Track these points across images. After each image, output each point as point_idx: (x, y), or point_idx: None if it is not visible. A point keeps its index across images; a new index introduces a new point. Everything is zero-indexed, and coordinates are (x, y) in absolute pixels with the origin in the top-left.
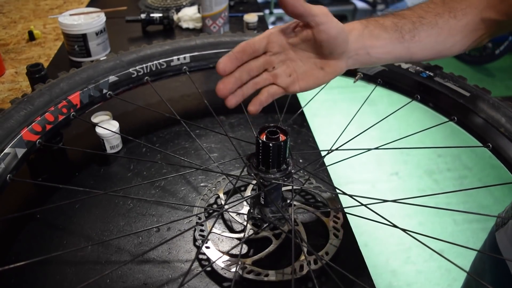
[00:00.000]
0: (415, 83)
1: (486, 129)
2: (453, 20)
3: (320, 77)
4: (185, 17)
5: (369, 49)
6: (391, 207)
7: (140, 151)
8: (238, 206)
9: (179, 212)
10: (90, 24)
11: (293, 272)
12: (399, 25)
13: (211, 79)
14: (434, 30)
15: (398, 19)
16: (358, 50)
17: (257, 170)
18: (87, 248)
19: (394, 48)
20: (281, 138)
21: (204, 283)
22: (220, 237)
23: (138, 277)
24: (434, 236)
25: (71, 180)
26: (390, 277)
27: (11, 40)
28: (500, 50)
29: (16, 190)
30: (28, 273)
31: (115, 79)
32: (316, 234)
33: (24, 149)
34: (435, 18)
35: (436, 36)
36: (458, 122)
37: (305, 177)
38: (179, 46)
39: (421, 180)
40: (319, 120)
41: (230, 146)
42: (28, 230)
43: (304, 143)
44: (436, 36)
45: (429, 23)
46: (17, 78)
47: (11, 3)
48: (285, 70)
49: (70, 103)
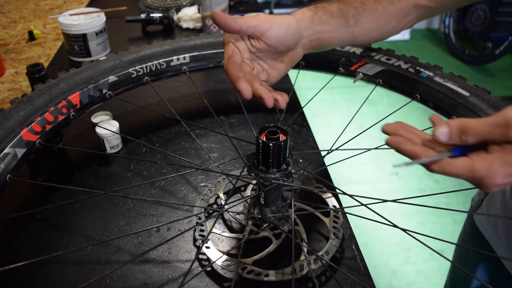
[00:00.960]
0: (415, 83)
1: None
2: (390, 6)
3: (282, 69)
4: (185, 17)
5: (319, 34)
6: (391, 207)
7: (140, 151)
8: (238, 206)
9: (179, 212)
10: (90, 24)
11: (293, 272)
12: (344, 11)
13: (211, 79)
14: (374, 16)
15: (342, 5)
16: (310, 36)
17: (257, 170)
18: (87, 248)
19: (340, 33)
20: (281, 138)
21: (204, 283)
22: (220, 237)
23: (138, 277)
24: (434, 236)
25: (71, 180)
26: (390, 277)
27: (11, 40)
28: (500, 50)
29: (16, 190)
30: (28, 273)
31: (115, 79)
32: (316, 234)
33: (24, 149)
34: (375, 4)
35: (376, 21)
36: None
37: (305, 177)
38: (179, 46)
39: (421, 180)
40: (319, 120)
41: (230, 146)
42: (28, 230)
43: (304, 143)
44: (376, 21)
45: (370, 9)
46: (17, 78)
47: (11, 3)
48: (259, 69)
49: (70, 103)
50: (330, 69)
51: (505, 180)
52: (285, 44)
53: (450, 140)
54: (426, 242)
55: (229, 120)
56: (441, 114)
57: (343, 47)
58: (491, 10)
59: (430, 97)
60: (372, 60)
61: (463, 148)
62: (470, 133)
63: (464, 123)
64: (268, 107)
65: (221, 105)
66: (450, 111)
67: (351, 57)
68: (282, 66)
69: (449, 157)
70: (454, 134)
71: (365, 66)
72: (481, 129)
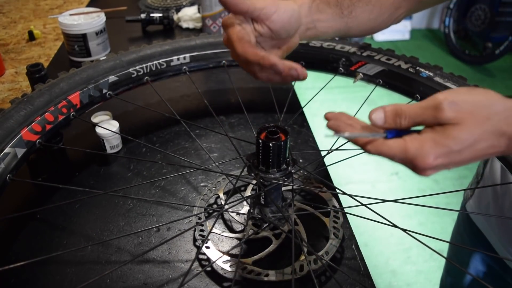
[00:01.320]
0: (415, 83)
1: None
2: None
3: (278, 55)
4: (185, 17)
5: (316, 23)
6: (391, 207)
7: (140, 151)
8: (238, 206)
9: (179, 212)
10: (90, 24)
11: (293, 272)
12: (340, 1)
13: (211, 79)
14: (368, 7)
15: None
16: (308, 24)
17: (257, 170)
18: (87, 248)
19: (335, 23)
20: (281, 138)
21: (204, 283)
22: (220, 237)
23: (138, 277)
24: (434, 236)
25: (71, 180)
26: (390, 277)
27: (11, 40)
28: (500, 50)
29: (16, 190)
30: (28, 273)
31: (115, 79)
32: (316, 234)
33: (24, 149)
34: None
35: (369, 13)
36: None
37: (305, 177)
38: (179, 46)
39: (421, 180)
40: (319, 120)
41: (230, 146)
42: (28, 230)
43: (304, 143)
44: (369, 13)
45: (364, 0)
46: (17, 78)
47: (11, 3)
48: None
49: (70, 103)
50: (330, 69)
51: (436, 161)
52: (287, 30)
53: (386, 123)
54: (426, 242)
55: (229, 120)
56: None
57: (343, 47)
58: (491, 10)
59: None
60: (372, 60)
61: (397, 131)
62: (403, 116)
63: (397, 107)
64: (303, 78)
65: (221, 105)
66: None
67: (351, 57)
68: (279, 53)
69: (383, 138)
70: (389, 118)
71: (365, 66)
72: (412, 112)
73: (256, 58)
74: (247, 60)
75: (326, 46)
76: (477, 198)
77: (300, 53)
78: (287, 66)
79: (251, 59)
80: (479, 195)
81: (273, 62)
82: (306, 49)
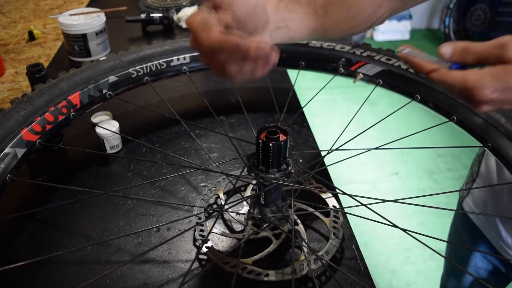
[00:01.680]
0: (415, 83)
1: (486, 129)
2: None
3: None
4: (185, 17)
5: (287, 22)
6: (391, 207)
7: (140, 151)
8: (238, 206)
9: (179, 212)
10: (90, 24)
11: (293, 272)
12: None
13: (211, 79)
14: (344, 6)
15: None
16: (278, 22)
17: (257, 170)
18: (87, 248)
19: (310, 23)
20: (281, 138)
21: (204, 283)
22: (220, 237)
23: (138, 277)
24: (434, 236)
25: (71, 180)
26: (390, 277)
27: (11, 40)
28: None
29: (16, 190)
30: (28, 273)
31: (115, 79)
32: (316, 234)
33: (24, 149)
34: None
35: (347, 12)
36: (458, 122)
37: (305, 177)
38: (179, 46)
39: (421, 180)
40: (319, 120)
41: (230, 146)
42: (28, 230)
43: (304, 143)
44: (347, 12)
45: None
46: (17, 78)
47: (11, 3)
48: None
49: (70, 103)
50: (330, 69)
51: (493, 94)
52: (254, 22)
53: (453, 55)
54: (426, 242)
55: (229, 120)
56: (441, 114)
57: (343, 47)
58: (491, 10)
59: (430, 97)
60: (372, 60)
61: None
62: (470, 51)
63: (467, 43)
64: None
65: (221, 105)
66: (450, 111)
67: (351, 57)
68: None
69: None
70: (457, 52)
71: (365, 66)
72: (479, 48)
73: (219, 41)
74: (212, 49)
75: (326, 46)
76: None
77: (300, 53)
78: (253, 45)
79: (215, 45)
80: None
81: (235, 41)
82: (306, 49)
